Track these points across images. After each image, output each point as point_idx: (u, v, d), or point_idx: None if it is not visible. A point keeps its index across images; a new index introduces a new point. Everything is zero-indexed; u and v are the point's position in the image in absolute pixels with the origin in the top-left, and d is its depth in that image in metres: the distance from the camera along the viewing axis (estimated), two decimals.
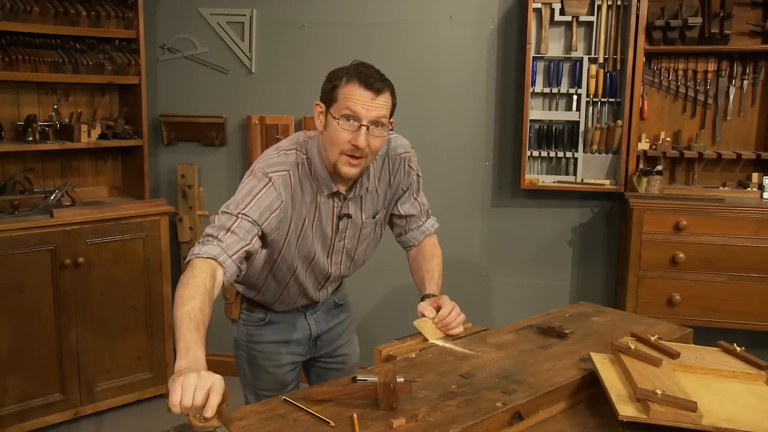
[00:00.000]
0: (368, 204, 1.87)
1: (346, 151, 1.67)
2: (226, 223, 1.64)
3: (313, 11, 3.56)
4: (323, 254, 1.86)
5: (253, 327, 2.01)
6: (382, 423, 1.30)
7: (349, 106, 1.64)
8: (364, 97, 1.64)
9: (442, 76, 3.50)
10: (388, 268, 3.13)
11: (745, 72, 3.21)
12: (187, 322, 1.40)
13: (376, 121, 1.66)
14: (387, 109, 1.69)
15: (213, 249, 1.58)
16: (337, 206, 1.81)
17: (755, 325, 2.97)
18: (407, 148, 1.93)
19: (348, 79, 1.66)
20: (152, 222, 3.37)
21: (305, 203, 1.77)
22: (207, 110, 3.71)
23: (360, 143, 1.65)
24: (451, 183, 3.54)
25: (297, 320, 2.01)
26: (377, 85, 1.65)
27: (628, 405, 1.32)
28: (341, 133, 1.66)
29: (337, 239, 1.86)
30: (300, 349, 2.05)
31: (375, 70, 1.70)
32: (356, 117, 1.64)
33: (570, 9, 3.23)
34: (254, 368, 2.03)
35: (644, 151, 3.26)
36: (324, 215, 1.81)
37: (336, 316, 2.11)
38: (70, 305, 3.15)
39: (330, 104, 1.69)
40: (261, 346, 2.01)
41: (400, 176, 1.92)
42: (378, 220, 1.93)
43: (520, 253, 3.56)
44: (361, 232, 1.89)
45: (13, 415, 3.03)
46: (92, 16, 3.28)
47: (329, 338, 2.09)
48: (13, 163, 3.34)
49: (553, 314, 1.99)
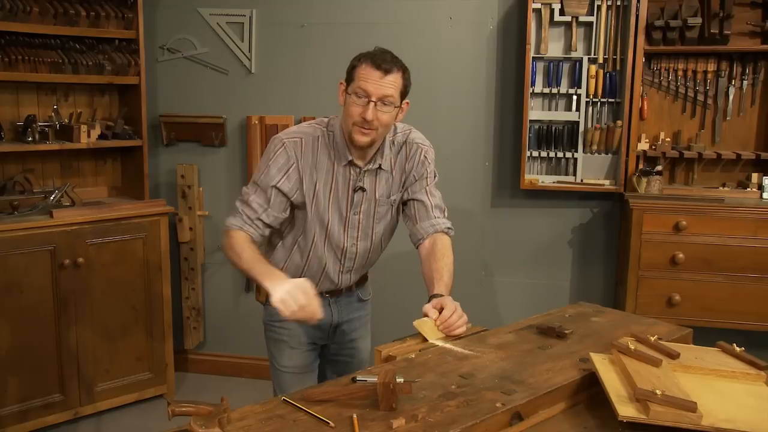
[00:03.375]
0: (383, 182, 2.04)
1: (358, 123, 1.87)
2: (248, 196, 1.98)
3: (312, 11, 3.56)
4: (339, 226, 2.02)
5: None
6: (381, 423, 1.30)
7: (360, 84, 1.86)
8: (374, 76, 1.85)
9: (442, 76, 3.50)
10: (388, 269, 3.13)
11: (744, 72, 3.21)
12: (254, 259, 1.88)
13: (383, 98, 1.85)
14: (395, 89, 1.87)
15: (237, 220, 1.97)
16: (353, 178, 1.99)
17: (755, 325, 2.97)
18: (426, 143, 2.11)
19: (363, 60, 1.88)
20: (152, 222, 3.37)
21: (320, 169, 1.97)
22: (207, 110, 3.71)
23: (368, 116, 1.85)
24: (451, 183, 3.53)
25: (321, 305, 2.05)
26: (386, 66, 1.85)
27: (627, 405, 1.32)
28: (353, 107, 1.87)
29: (352, 212, 2.02)
30: (320, 333, 2.17)
31: (390, 55, 1.89)
32: (366, 93, 1.85)
33: (570, 9, 3.23)
34: (279, 346, 2.17)
35: (644, 151, 3.26)
36: (341, 186, 1.99)
37: (357, 310, 2.23)
38: (69, 306, 3.15)
39: (349, 82, 1.90)
40: (285, 323, 2.12)
41: (415, 163, 2.07)
42: (393, 202, 2.08)
43: (520, 254, 3.56)
44: (375, 210, 2.05)
45: (12, 416, 3.03)
46: (92, 16, 3.28)
47: (347, 329, 2.22)
48: (12, 164, 3.34)
49: (552, 314, 1.99)
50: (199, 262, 3.82)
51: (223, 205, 3.80)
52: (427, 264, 2.04)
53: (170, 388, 3.54)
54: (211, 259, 3.86)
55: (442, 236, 2.08)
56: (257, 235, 1.98)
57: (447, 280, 2.00)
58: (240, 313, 3.87)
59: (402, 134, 2.07)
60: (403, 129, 2.08)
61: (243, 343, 3.85)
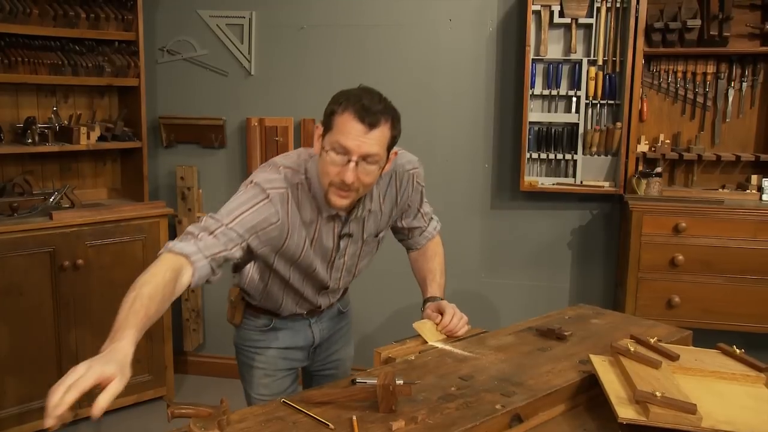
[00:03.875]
0: (371, 223, 1.83)
1: (335, 184, 1.60)
2: (211, 227, 1.57)
3: (312, 13, 3.56)
4: (323, 269, 1.83)
5: (255, 332, 1.97)
6: (381, 425, 1.30)
7: (339, 140, 1.55)
8: (356, 131, 1.55)
9: (442, 78, 3.50)
10: (388, 271, 3.13)
11: (744, 74, 3.21)
12: (129, 304, 1.35)
13: (366, 157, 1.56)
14: (380, 146, 1.58)
15: (188, 247, 1.51)
16: (338, 227, 1.77)
17: (754, 327, 2.97)
18: (415, 164, 1.88)
19: (345, 107, 1.56)
20: (151, 224, 3.36)
21: (305, 224, 1.72)
22: (206, 112, 3.71)
23: (347, 179, 1.56)
24: (451, 185, 3.54)
25: (302, 328, 1.98)
26: (370, 119, 1.54)
27: (627, 407, 1.32)
28: (329, 165, 1.58)
29: (337, 257, 1.83)
30: (299, 356, 2.02)
31: (377, 100, 1.58)
32: (345, 150, 1.55)
33: (569, 11, 3.23)
34: (252, 372, 2.00)
35: (643, 153, 3.26)
36: (325, 235, 1.76)
37: (338, 323, 2.08)
38: (69, 307, 3.15)
39: (326, 131, 1.61)
40: (262, 351, 1.97)
41: (408, 193, 1.87)
42: (381, 238, 1.90)
43: (520, 255, 3.56)
44: (362, 249, 1.87)
45: (12, 418, 3.02)
46: (92, 18, 3.28)
47: (327, 345, 2.07)
48: (12, 165, 3.34)
49: (552, 316, 1.99)
50: None
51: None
52: (418, 264, 2.02)
53: (170, 390, 3.54)
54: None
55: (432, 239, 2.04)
56: (205, 272, 1.52)
57: (440, 280, 1.97)
58: None
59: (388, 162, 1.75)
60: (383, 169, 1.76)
61: None
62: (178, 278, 1.46)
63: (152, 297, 1.37)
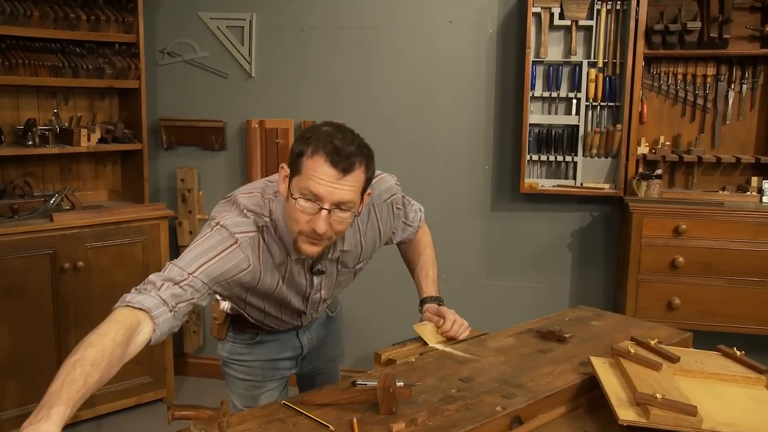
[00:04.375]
0: (348, 260, 1.73)
1: (305, 232, 1.48)
2: (175, 277, 1.44)
3: (312, 15, 3.56)
4: (299, 301, 1.75)
5: (241, 345, 1.90)
6: (381, 427, 1.30)
7: (310, 186, 1.43)
8: (328, 176, 1.42)
9: (442, 80, 3.50)
10: (387, 272, 3.12)
11: (744, 76, 3.21)
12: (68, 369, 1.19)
13: (340, 204, 1.45)
14: (354, 192, 1.46)
15: (148, 300, 1.38)
16: (308, 264, 1.66)
17: (755, 329, 2.97)
18: (392, 191, 1.77)
19: (315, 149, 1.43)
20: (152, 226, 3.37)
21: (276, 265, 1.61)
22: (207, 114, 3.71)
23: (319, 228, 1.45)
24: (451, 187, 3.54)
25: (289, 339, 1.92)
26: (344, 164, 1.42)
27: (628, 409, 1.32)
28: (298, 213, 1.46)
29: (312, 292, 1.73)
30: (288, 365, 1.96)
31: (349, 140, 1.45)
32: (317, 198, 1.44)
33: (569, 13, 3.23)
34: (239, 385, 1.93)
35: (644, 155, 3.26)
36: (296, 273, 1.66)
37: (326, 328, 2.02)
38: (69, 309, 3.15)
39: (294, 173, 1.47)
40: (248, 364, 1.90)
41: (390, 222, 1.79)
42: (359, 269, 1.80)
43: (520, 257, 3.56)
44: (337, 280, 1.76)
45: (12, 420, 3.02)
46: (92, 20, 3.29)
47: (317, 352, 2.02)
48: (12, 167, 3.34)
49: (552, 318, 1.99)
50: None
51: None
52: (407, 257, 2.02)
53: (170, 392, 3.54)
54: None
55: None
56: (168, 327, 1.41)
57: (433, 274, 1.97)
58: None
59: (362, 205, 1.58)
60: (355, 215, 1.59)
61: None
62: (133, 338, 1.33)
63: (96, 363, 1.22)
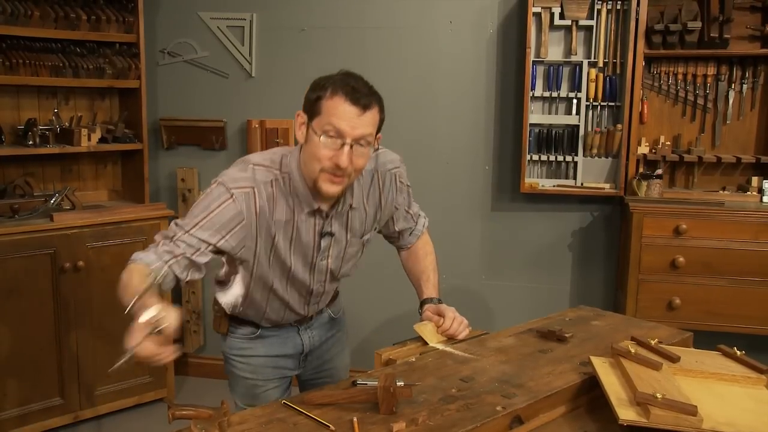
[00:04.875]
0: (355, 222, 1.77)
1: (327, 169, 1.56)
2: (173, 234, 1.59)
3: (313, 15, 3.56)
4: (305, 272, 1.76)
5: (242, 340, 1.91)
6: (382, 427, 1.30)
7: (333, 122, 1.53)
8: (350, 113, 1.53)
9: (442, 80, 3.50)
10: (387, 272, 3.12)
11: (744, 76, 3.21)
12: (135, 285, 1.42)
13: (360, 139, 1.55)
14: (373, 127, 1.58)
15: (148, 256, 1.55)
16: (319, 224, 1.70)
17: (755, 329, 2.97)
18: (397, 164, 1.83)
19: (333, 91, 1.55)
20: (152, 226, 3.36)
21: (278, 222, 1.66)
22: (207, 114, 3.71)
23: (342, 162, 1.54)
24: (451, 187, 3.54)
25: (289, 335, 1.92)
26: (364, 100, 1.54)
27: (628, 409, 1.32)
28: (321, 149, 1.55)
29: (319, 258, 1.75)
30: (289, 364, 1.95)
31: (363, 82, 1.58)
32: (339, 134, 1.54)
33: (570, 13, 3.23)
34: (240, 383, 1.94)
35: (644, 154, 3.26)
36: (304, 233, 1.70)
37: (329, 330, 2.01)
38: (69, 309, 3.15)
39: (313, 116, 1.58)
40: (249, 359, 1.91)
41: (392, 194, 1.83)
42: (366, 241, 1.84)
43: (520, 257, 3.56)
44: (345, 251, 1.79)
45: (12, 420, 3.02)
46: (92, 20, 3.29)
47: (319, 353, 2.00)
48: (13, 167, 3.34)
49: (553, 318, 1.99)
50: None
51: None
52: (410, 264, 2.01)
53: (170, 392, 3.54)
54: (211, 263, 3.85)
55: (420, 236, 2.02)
56: (169, 279, 1.56)
57: (434, 279, 1.96)
58: None
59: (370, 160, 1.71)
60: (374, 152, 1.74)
61: None
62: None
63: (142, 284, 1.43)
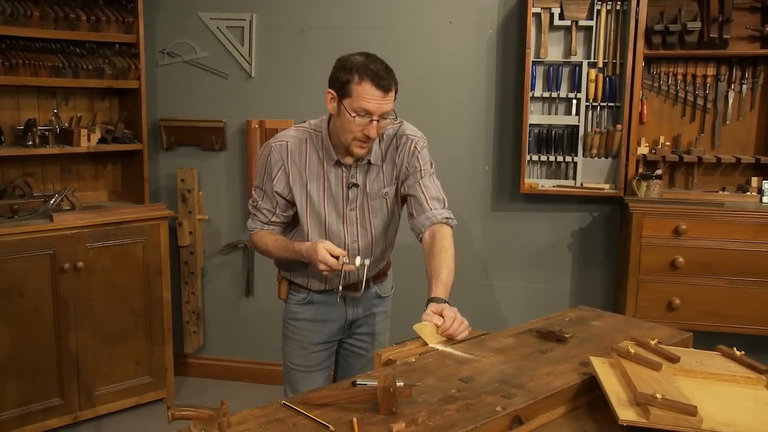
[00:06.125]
0: (373, 177, 2.09)
1: (359, 138, 1.95)
2: (257, 202, 2.14)
3: (312, 16, 3.56)
4: (338, 222, 2.09)
5: (295, 305, 2.23)
6: (381, 427, 1.29)
7: (363, 105, 1.90)
8: (376, 96, 1.90)
9: (442, 80, 3.50)
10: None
11: (744, 76, 3.21)
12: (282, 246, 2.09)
13: (384, 114, 1.93)
14: (393, 102, 1.95)
15: (255, 224, 2.16)
16: (345, 175, 2.06)
17: (755, 329, 2.97)
18: (417, 134, 2.14)
19: (361, 78, 1.90)
20: (152, 226, 3.37)
21: (310, 170, 2.06)
22: (207, 114, 3.71)
23: (372, 134, 1.93)
24: (451, 187, 3.50)
25: (336, 303, 2.18)
26: (386, 84, 1.90)
27: (628, 409, 1.32)
28: (353, 125, 1.93)
29: (348, 208, 2.09)
30: (334, 330, 2.24)
31: (383, 66, 1.93)
32: (368, 113, 1.91)
33: (569, 13, 3.23)
34: (290, 344, 2.25)
35: (644, 155, 3.26)
36: (333, 184, 2.07)
37: (375, 306, 2.27)
38: (69, 309, 3.15)
39: (343, 96, 1.93)
40: (299, 323, 2.23)
41: (405, 156, 2.10)
42: (385, 195, 2.12)
43: (520, 257, 3.56)
44: (369, 204, 2.10)
45: (12, 420, 3.02)
46: (92, 20, 3.29)
47: (364, 323, 2.27)
48: (12, 168, 3.34)
49: (552, 318, 1.99)
50: (199, 266, 3.82)
51: (222, 209, 3.80)
52: (428, 260, 2.03)
53: (170, 392, 3.54)
54: (211, 263, 3.86)
55: (441, 227, 2.06)
56: (278, 231, 2.15)
57: (446, 279, 1.98)
58: (240, 317, 3.87)
59: (392, 127, 2.10)
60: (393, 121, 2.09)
61: (243, 347, 3.84)
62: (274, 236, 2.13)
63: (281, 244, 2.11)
